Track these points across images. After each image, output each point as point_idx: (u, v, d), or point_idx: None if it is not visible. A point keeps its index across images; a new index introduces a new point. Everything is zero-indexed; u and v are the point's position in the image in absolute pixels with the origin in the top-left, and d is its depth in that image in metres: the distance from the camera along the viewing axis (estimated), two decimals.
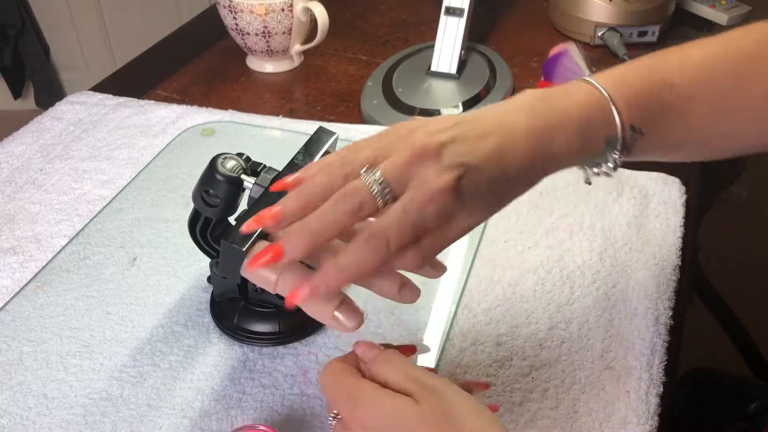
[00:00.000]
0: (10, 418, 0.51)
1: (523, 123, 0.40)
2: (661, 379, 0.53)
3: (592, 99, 0.42)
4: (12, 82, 2.26)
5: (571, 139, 0.41)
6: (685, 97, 0.44)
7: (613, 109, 0.42)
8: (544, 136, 0.41)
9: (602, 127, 0.42)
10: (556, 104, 0.42)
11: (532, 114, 0.41)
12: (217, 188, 0.48)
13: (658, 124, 0.44)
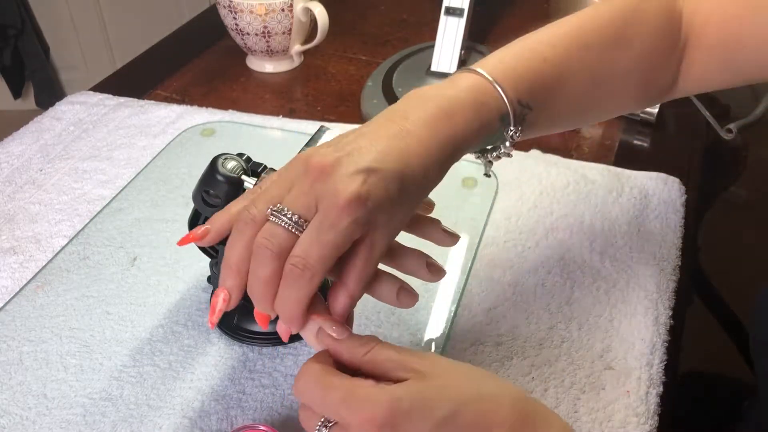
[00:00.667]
0: (10, 418, 0.51)
1: (419, 114, 0.41)
2: (661, 379, 0.53)
3: (478, 83, 0.44)
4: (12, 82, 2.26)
5: (470, 121, 0.43)
6: (559, 68, 0.47)
7: (498, 89, 0.44)
8: (441, 122, 0.41)
9: (494, 106, 0.44)
10: (446, 93, 0.43)
11: (425, 105, 0.42)
12: (218, 188, 0.48)
13: (543, 97, 0.47)
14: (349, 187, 0.37)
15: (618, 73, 0.50)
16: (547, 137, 0.80)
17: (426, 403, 0.36)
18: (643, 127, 0.82)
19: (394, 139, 0.40)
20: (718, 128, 0.84)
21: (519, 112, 0.45)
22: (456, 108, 0.42)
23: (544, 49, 0.47)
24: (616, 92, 0.52)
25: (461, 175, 0.72)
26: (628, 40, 0.50)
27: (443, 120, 0.41)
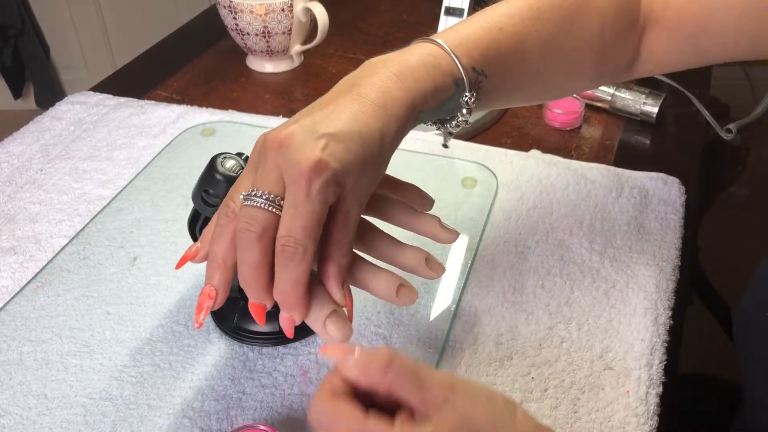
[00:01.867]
0: (10, 418, 0.51)
1: (371, 80, 0.42)
2: (661, 380, 0.53)
3: (431, 49, 0.45)
4: (12, 82, 2.27)
5: (422, 82, 0.43)
6: (515, 38, 0.48)
7: (451, 54, 0.44)
8: (393, 84, 0.42)
9: (447, 70, 0.44)
10: (398, 58, 0.44)
11: (376, 70, 0.42)
12: (217, 188, 0.48)
13: (498, 65, 0.47)
14: (309, 153, 0.38)
15: (573, 48, 0.51)
16: (547, 136, 0.80)
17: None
18: (643, 127, 0.82)
19: (348, 103, 0.40)
20: (718, 128, 0.84)
21: (473, 78, 0.46)
22: (407, 71, 0.42)
23: (501, 20, 0.48)
24: (572, 67, 0.53)
25: (461, 175, 0.72)
26: (584, 17, 0.51)
27: (395, 82, 0.42)
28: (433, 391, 0.35)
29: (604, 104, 0.83)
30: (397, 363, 0.35)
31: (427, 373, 0.35)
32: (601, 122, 0.83)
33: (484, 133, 0.82)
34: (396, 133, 0.42)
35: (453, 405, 0.35)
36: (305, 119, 0.40)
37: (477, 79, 0.46)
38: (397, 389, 0.35)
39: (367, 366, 0.35)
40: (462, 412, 0.35)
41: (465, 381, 0.36)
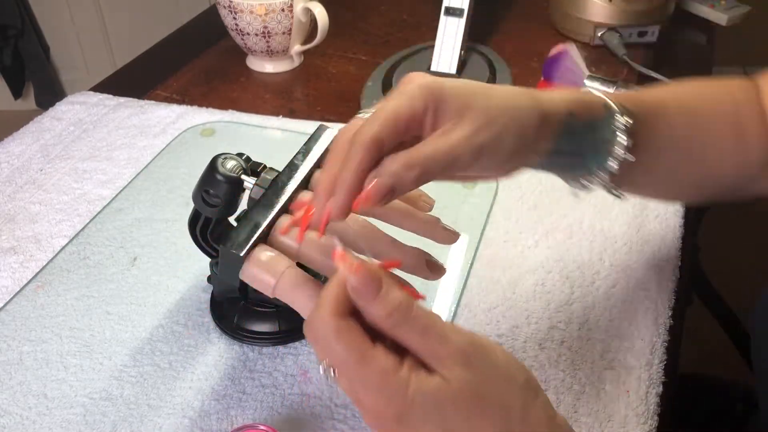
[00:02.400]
0: (10, 417, 0.51)
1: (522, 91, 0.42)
2: (661, 379, 0.53)
3: (581, 91, 0.45)
4: (12, 82, 2.26)
5: (568, 93, 0.43)
6: (656, 99, 0.48)
7: (603, 96, 0.45)
8: (540, 95, 0.42)
9: (594, 98, 0.44)
10: (548, 92, 0.44)
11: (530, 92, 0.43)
12: (217, 188, 0.48)
13: (641, 114, 0.46)
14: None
15: (710, 112, 0.50)
16: None
17: (444, 409, 0.33)
18: None
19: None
20: None
21: (623, 116, 0.44)
22: (558, 93, 0.43)
23: (666, 95, 0.49)
24: (712, 137, 0.51)
25: None
26: (730, 113, 0.50)
27: (543, 95, 0.42)
28: (451, 347, 0.33)
29: None
30: (417, 309, 0.33)
31: (448, 326, 0.34)
32: None
33: None
34: (541, 114, 0.41)
35: (468, 369, 0.33)
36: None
37: (627, 117, 0.45)
38: (411, 334, 0.33)
39: (386, 302, 0.33)
40: (474, 381, 0.33)
41: (489, 348, 0.34)
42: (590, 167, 0.45)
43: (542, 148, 0.42)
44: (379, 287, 0.33)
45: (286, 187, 0.45)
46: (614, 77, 0.88)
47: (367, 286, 0.33)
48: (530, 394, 0.35)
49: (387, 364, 0.33)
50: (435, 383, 0.33)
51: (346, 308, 0.34)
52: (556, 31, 1.02)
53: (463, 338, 0.34)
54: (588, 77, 0.83)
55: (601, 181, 0.45)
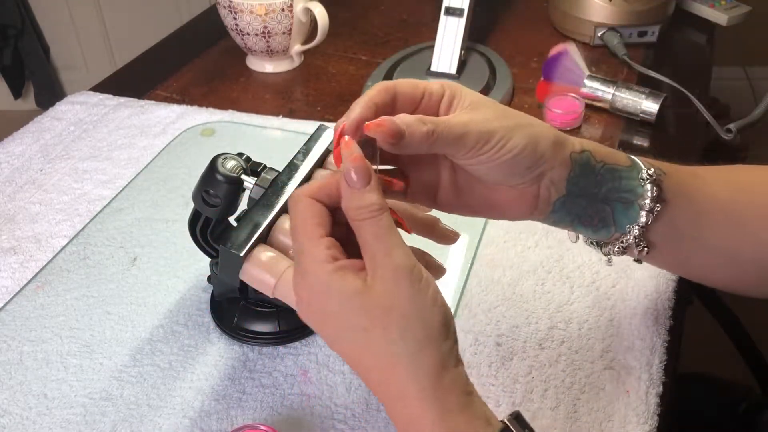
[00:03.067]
0: (10, 417, 0.51)
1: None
2: (661, 379, 0.53)
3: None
4: (12, 82, 2.26)
5: (588, 142, 0.43)
6: (689, 169, 0.47)
7: (632, 156, 0.44)
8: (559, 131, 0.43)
9: (621, 153, 0.44)
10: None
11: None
12: (218, 188, 0.48)
13: (675, 171, 0.45)
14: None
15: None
16: None
17: (352, 310, 0.35)
18: (643, 127, 0.82)
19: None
20: (718, 128, 0.84)
21: (649, 167, 0.44)
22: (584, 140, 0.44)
23: (703, 171, 0.48)
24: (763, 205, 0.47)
25: None
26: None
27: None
28: (390, 261, 0.35)
29: (604, 104, 0.83)
30: (386, 218, 0.36)
31: (402, 247, 0.36)
32: (601, 122, 0.83)
33: None
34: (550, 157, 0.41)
35: (392, 287, 0.35)
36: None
37: (655, 171, 0.44)
38: (367, 234, 0.36)
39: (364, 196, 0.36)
40: (390, 299, 0.35)
41: (422, 283, 0.36)
42: (621, 223, 0.44)
43: (558, 177, 0.42)
44: (367, 182, 0.36)
45: (286, 187, 0.45)
46: (614, 77, 0.88)
47: (358, 175, 0.36)
48: (436, 335, 0.36)
49: (320, 255, 0.36)
50: (355, 285, 0.35)
51: (324, 197, 0.38)
52: (556, 31, 1.02)
53: (406, 262, 0.36)
54: (588, 77, 0.83)
55: (633, 239, 0.44)
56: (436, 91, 0.41)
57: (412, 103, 0.41)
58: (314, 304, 0.37)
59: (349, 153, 0.37)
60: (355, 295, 0.35)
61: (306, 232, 0.37)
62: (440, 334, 0.35)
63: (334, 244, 0.37)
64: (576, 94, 0.83)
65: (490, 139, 0.39)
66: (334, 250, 0.36)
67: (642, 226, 0.43)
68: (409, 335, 0.35)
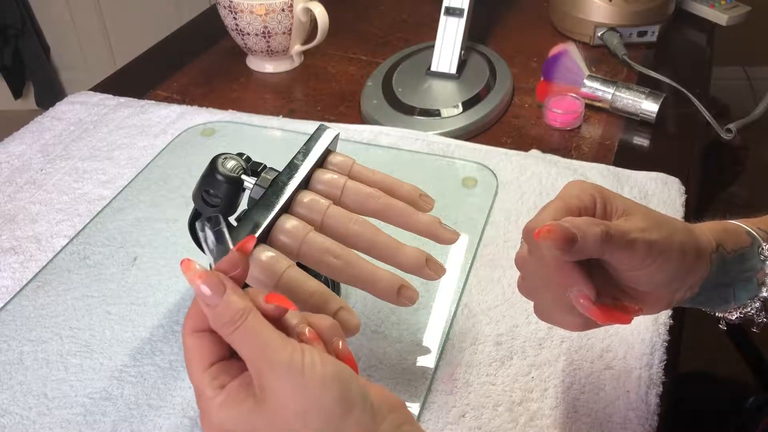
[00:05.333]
0: (10, 417, 0.51)
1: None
2: (661, 379, 0.53)
3: (723, 222, 0.44)
4: (12, 82, 2.26)
5: (712, 226, 0.42)
6: None
7: (742, 224, 0.43)
8: (689, 224, 0.41)
9: (736, 227, 0.43)
10: (696, 224, 0.43)
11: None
12: (218, 188, 0.48)
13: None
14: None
15: None
16: (547, 136, 0.80)
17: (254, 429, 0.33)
18: (642, 126, 0.82)
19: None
20: (718, 128, 0.84)
21: (764, 237, 0.43)
22: (699, 224, 0.42)
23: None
24: None
25: (461, 175, 0.72)
26: None
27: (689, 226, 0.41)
28: (275, 363, 0.33)
29: (604, 104, 0.83)
30: (254, 318, 0.34)
31: (276, 342, 0.33)
32: (601, 122, 0.83)
33: (484, 133, 0.82)
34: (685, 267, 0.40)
35: (284, 388, 0.33)
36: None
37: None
38: (243, 345, 0.33)
39: (227, 307, 0.34)
40: (286, 401, 0.32)
41: (306, 368, 0.33)
42: (741, 298, 0.43)
43: (696, 280, 0.41)
44: (222, 291, 0.34)
45: (286, 187, 0.45)
46: (614, 77, 0.88)
47: (211, 288, 0.34)
48: (336, 414, 0.33)
49: (207, 391, 0.34)
50: (247, 406, 0.33)
51: (203, 323, 0.35)
52: (556, 31, 1.02)
53: (281, 356, 0.33)
54: (588, 77, 0.83)
55: (754, 311, 0.43)
56: (587, 204, 0.40)
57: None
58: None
59: (191, 273, 0.34)
60: (252, 415, 0.33)
61: (192, 371, 0.35)
62: (341, 411, 0.33)
63: (221, 371, 0.35)
64: (576, 94, 0.83)
65: (653, 252, 0.38)
66: (222, 378, 0.34)
67: (763, 301, 0.43)
68: (318, 427, 0.33)
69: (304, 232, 0.43)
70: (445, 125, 0.80)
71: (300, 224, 0.44)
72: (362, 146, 0.77)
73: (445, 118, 0.81)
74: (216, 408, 0.34)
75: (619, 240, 0.37)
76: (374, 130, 0.79)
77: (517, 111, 0.85)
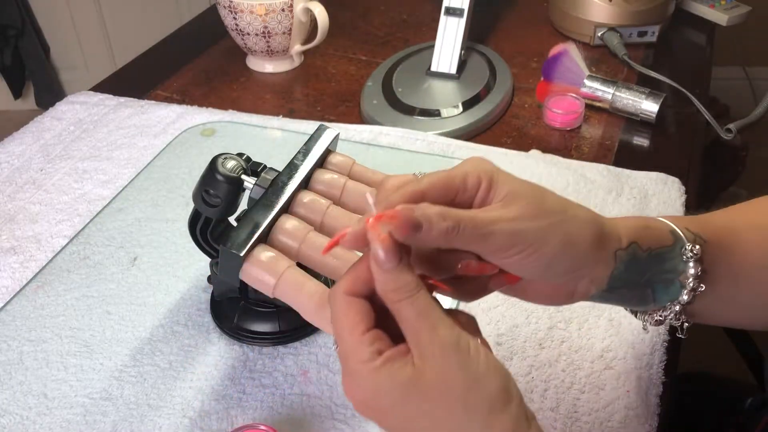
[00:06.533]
0: (10, 417, 0.51)
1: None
2: (661, 379, 0.53)
3: (646, 218, 0.42)
4: (12, 82, 2.26)
5: (633, 220, 0.41)
6: (725, 218, 0.45)
7: (668, 222, 0.42)
8: (603, 217, 0.40)
9: (660, 224, 0.41)
10: (613, 218, 0.42)
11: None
12: (218, 188, 0.48)
13: (714, 235, 0.43)
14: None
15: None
16: (547, 136, 0.80)
17: (409, 399, 0.34)
18: (642, 127, 0.82)
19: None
20: (718, 128, 0.84)
21: (691, 238, 0.41)
22: (619, 219, 0.41)
23: (717, 212, 0.45)
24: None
25: None
26: None
27: (605, 219, 0.40)
28: (436, 339, 0.34)
29: (604, 104, 0.83)
30: (424, 294, 0.34)
31: (444, 320, 0.34)
32: (601, 122, 0.83)
33: (484, 133, 0.82)
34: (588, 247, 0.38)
35: (443, 364, 0.33)
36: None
37: (696, 243, 0.41)
38: (407, 314, 0.34)
39: (398, 277, 0.34)
40: (445, 378, 0.33)
41: (472, 352, 0.34)
42: (661, 300, 0.42)
43: (600, 275, 0.39)
44: (397, 261, 0.34)
45: (286, 187, 0.45)
46: (614, 77, 0.88)
47: (387, 255, 0.34)
48: (501, 402, 0.34)
49: (364, 354, 0.34)
50: (405, 373, 0.34)
51: (360, 287, 0.36)
52: (556, 31, 1.02)
53: (451, 337, 0.34)
54: (588, 77, 0.83)
55: (673, 315, 0.42)
56: (470, 184, 0.38)
57: (443, 201, 0.38)
58: (369, 403, 0.35)
59: (376, 234, 0.34)
60: (409, 384, 0.33)
61: (347, 332, 0.35)
62: (503, 400, 0.34)
63: (377, 337, 0.35)
64: (576, 94, 0.83)
65: (518, 243, 0.37)
66: (378, 344, 0.34)
67: (683, 305, 0.42)
68: (473, 410, 0.33)
69: (304, 232, 0.43)
70: (445, 125, 0.80)
71: (300, 224, 0.44)
72: (362, 146, 0.77)
73: (445, 118, 0.81)
74: (373, 371, 0.34)
75: (472, 231, 0.36)
76: (374, 130, 0.79)
77: (517, 111, 0.85)
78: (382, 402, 0.34)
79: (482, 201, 0.38)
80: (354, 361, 0.34)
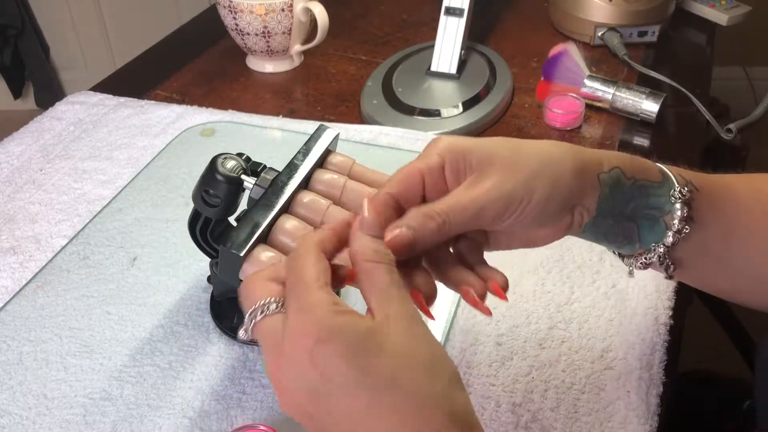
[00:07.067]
0: (10, 418, 0.51)
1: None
2: (661, 379, 0.53)
3: (635, 156, 0.43)
4: (12, 82, 2.26)
5: (619, 156, 0.41)
6: (720, 179, 0.44)
7: (661, 165, 0.42)
8: (584, 149, 0.40)
9: (652, 165, 0.42)
10: (597, 150, 0.42)
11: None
12: (217, 188, 0.48)
13: (707, 185, 0.43)
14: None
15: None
16: (548, 136, 0.80)
17: (362, 346, 0.32)
18: (643, 126, 0.82)
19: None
20: (718, 128, 0.84)
21: (682, 183, 0.41)
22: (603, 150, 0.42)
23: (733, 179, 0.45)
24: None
25: None
26: None
27: (591, 152, 0.41)
28: (393, 308, 0.34)
29: (604, 104, 0.83)
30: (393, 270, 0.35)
31: (403, 298, 0.34)
32: (601, 122, 0.83)
33: (484, 133, 0.82)
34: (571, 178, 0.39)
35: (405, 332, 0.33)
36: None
37: (686, 187, 0.41)
38: (376, 277, 0.34)
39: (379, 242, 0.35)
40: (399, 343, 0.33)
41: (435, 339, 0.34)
42: (646, 239, 0.42)
43: (588, 201, 0.39)
44: (382, 227, 0.36)
45: (286, 187, 0.45)
46: (614, 77, 0.88)
47: (376, 221, 0.36)
48: (458, 381, 0.34)
49: (325, 300, 0.33)
50: (366, 325, 0.33)
51: (328, 247, 0.36)
52: (556, 31, 1.02)
53: (418, 313, 0.34)
54: (588, 77, 0.83)
55: (657, 257, 0.42)
56: (432, 166, 0.38)
57: (413, 194, 0.38)
58: (322, 347, 0.32)
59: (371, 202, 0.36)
60: (368, 335, 0.32)
61: (314, 278, 0.34)
62: (461, 381, 0.34)
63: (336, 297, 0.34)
64: (576, 94, 0.83)
65: (510, 205, 0.37)
66: (336, 299, 0.34)
67: (668, 246, 0.42)
68: (437, 377, 0.33)
69: (303, 232, 0.43)
70: (445, 125, 0.80)
71: (300, 224, 0.44)
72: (362, 146, 0.77)
73: (445, 118, 0.81)
74: (333, 313, 0.33)
75: (461, 216, 0.36)
76: (374, 130, 0.79)
77: (517, 111, 0.85)
78: (337, 346, 0.32)
79: (454, 180, 0.38)
80: (314, 302, 0.33)
